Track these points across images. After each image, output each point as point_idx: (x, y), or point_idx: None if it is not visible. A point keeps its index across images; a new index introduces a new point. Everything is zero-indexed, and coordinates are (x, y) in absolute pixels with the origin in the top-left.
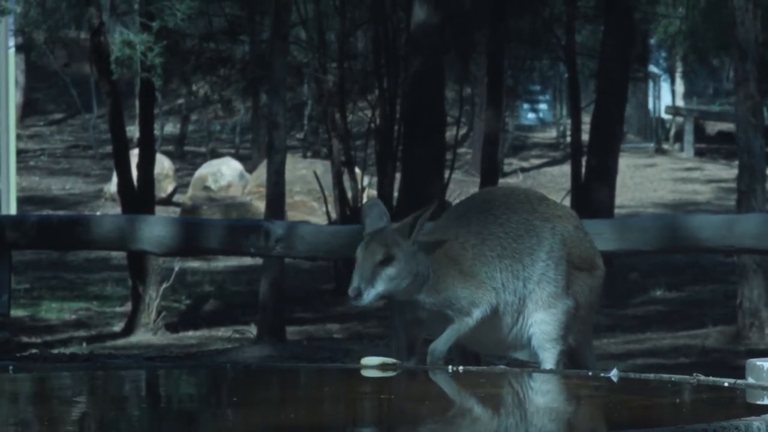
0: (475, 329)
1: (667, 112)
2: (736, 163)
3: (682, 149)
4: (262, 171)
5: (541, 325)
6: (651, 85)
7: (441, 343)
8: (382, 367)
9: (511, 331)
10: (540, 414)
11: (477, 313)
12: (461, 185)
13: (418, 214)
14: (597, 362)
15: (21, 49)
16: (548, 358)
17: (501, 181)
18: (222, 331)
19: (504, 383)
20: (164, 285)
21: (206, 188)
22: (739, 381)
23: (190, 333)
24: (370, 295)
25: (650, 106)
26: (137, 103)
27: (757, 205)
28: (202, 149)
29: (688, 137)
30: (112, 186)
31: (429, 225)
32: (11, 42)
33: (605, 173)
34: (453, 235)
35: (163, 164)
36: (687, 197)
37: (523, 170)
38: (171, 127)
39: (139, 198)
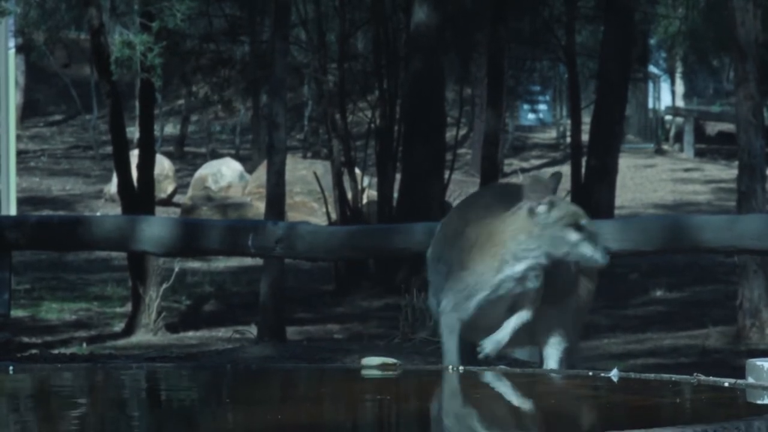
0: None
1: (667, 112)
2: (736, 163)
3: (682, 150)
4: (262, 171)
5: (551, 319)
6: (651, 85)
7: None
8: (383, 367)
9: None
10: (540, 413)
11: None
12: (461, 185)
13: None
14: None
15: (21, 50)
16: (553, 354)
17: (501, 181)
18: (222, 332)
19: (505, 383)
20: (164, 285)
21: (206, 189)
22: (740, 381)
23: (191, 333)
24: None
25: (650, 106)
26: (137, 103)
27: (757, 206)
28: (202, 150)
29: (688, 138)
30: (112, 186)
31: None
32: (11, 43)
33: (605, 174)
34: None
35: (163, 165)
36: (687, 198)
37: (524, 171)
38: (171, 128)
39: (139, 198)
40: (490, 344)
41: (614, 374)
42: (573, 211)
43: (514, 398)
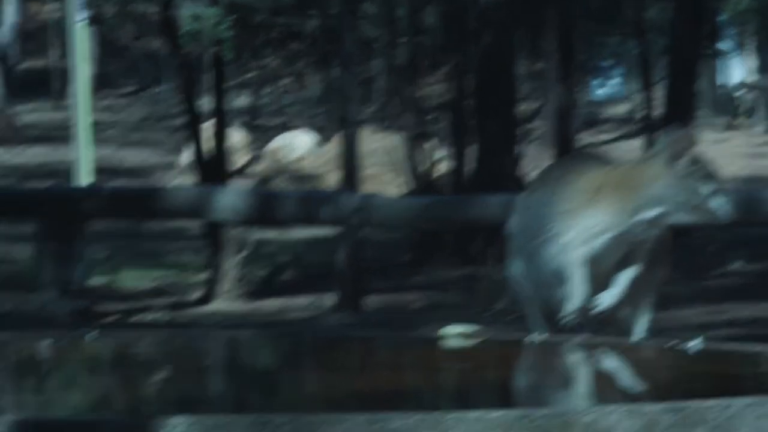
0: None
1: (738, 87)
2: None
3: (754, 125)
4: (334, 144)
5: (641, 288)
6: (722, 60)
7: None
8: (462, 336)
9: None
10: (618, 382)
11: None
12: (534, 159)
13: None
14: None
15: (93, 23)
16: (642, 323)
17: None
18: (300, 300)
19: (589, 352)
20: (241, 254)
21: (279, 160)
22: None
23: (269, 302)
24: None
25: (721, 81)
26: (208, 76)
27: None
28: (275, 122)
29: (760, 113)
30: (185, 157)
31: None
32: (82, 15)
33: None
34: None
35: (236, 137)
36: (760, 172)
37: (596, 145)
38: (243, 100)
39: (212, 170)
40: (608, 298)
41: (695, 344)
42: (707, 163)
43: (593, 368)
